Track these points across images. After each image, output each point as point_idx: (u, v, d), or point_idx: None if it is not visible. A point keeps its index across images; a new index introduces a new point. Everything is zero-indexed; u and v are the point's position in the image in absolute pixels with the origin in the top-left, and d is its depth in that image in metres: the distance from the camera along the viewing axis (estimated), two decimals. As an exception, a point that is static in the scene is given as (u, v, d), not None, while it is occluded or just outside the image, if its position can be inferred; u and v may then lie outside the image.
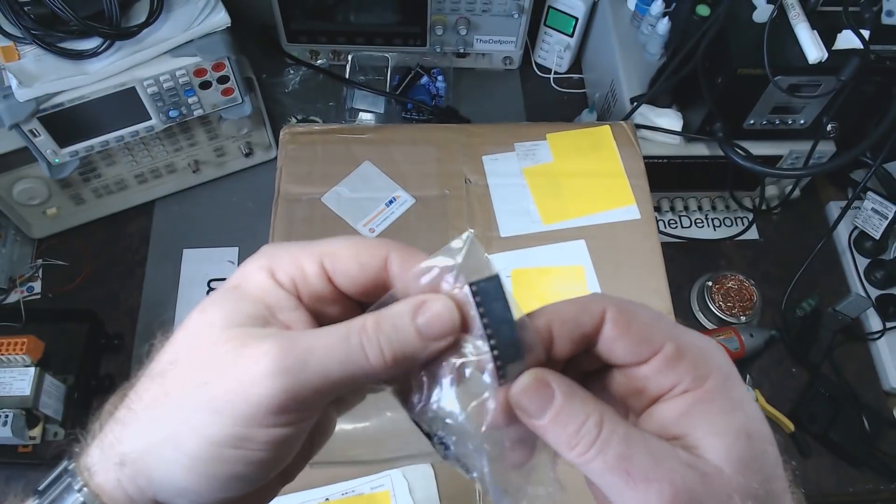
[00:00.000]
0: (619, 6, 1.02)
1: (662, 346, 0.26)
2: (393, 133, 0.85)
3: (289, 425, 0.26)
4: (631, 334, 0.27)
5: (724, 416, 0.25)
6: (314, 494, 0.63)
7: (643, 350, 0.27)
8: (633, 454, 0.24)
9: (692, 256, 1.01)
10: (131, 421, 0.27)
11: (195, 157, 0.96)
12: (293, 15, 1.01)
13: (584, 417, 0.25)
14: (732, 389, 0.26)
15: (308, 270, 0.28)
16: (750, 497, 0.24)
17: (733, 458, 0.25)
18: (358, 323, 0.26)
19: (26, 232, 0.92)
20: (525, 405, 0.26)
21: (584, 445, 0.25)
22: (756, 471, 0.25)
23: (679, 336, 0.27)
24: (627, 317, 0.27)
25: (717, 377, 0.26)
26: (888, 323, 0.95)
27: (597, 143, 0.83)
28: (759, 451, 0.25)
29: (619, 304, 0.27)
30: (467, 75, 1.12)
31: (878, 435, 0.89)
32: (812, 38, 0.77)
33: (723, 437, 0.25)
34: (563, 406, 0.25)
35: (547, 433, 0.26)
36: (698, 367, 0.26)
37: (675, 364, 0.26)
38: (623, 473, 0.24)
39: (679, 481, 0.24)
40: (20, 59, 0.73)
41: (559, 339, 0.27)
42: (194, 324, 0.28)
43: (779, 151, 0.92)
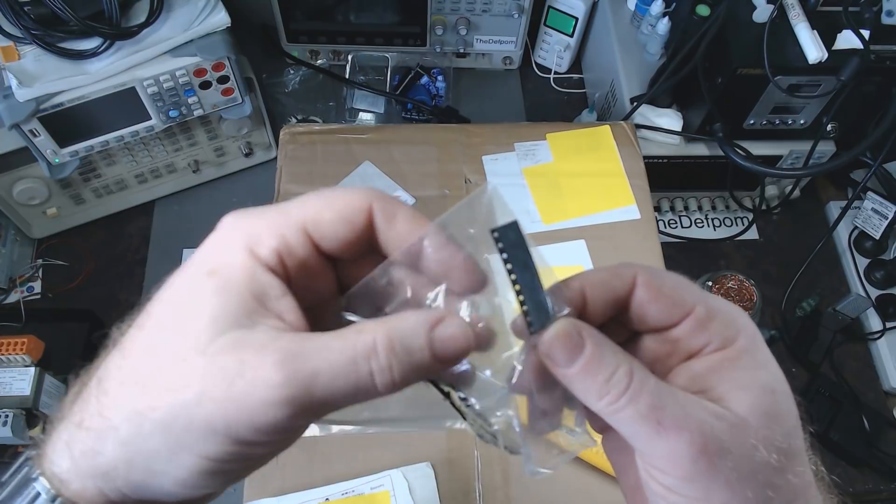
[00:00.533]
0: (619, 6, 1.02)
1: (693, 308, 0.27)
2: (393, 133, 0.85)
3: (287, 439, 0.25)
4: (664, 297, 0.27)
5: (750, 372, 0.26)
6: (314, 494, 0.63)
7: (675, 312, 0.27)
8: (663, 404, 0.25)
9: (692, 256, 1.01)
10: (108, 432, 0.25)
11: (195, 157, 0.96)
12: (293, 15, 1.01)
13: (614, 367, 0.25)
14: (758, 350, 0.27)
15: (292, 240, 0.26)
16: (774, 448, 0.25)
17: (759, 411, 0.25)
18: (367, 344, 0.24)
19: (26, 232, 0.92)
20: (555, 354, 0.25)
21: (614, 395, 0.25)
22: (780, 424, 0.26)
23: (707, 299, 0.28)
24: (659, 281, 0.28)
25: (744, 338, 0.27)
26: (888, 323, 0.95)
27: (597, 143, 0.83)
28: (783, 407, 0.26)
29: (649, 269, 0.28)
30: (467, 75, 1.12)
31: (878, 435, 0.89)
32: (812, 38, 0.77)
33: (749, 392, 0.26)
34: (594, 354, 0.25)
35: (577, 383, 0.25)
36: (728, 328, 0.27)
37: (706, 325, 0.27)
38: (654, 422, 0.24)
39: (708, 430, 0.24)
40: (20, 59, 0.73)
41: (592, 303, 0.27)
42: (173, 325, 0.25)
43: (779, 151, 0.92)
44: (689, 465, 0.24)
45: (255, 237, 0.26)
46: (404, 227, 0.27)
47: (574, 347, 0.25)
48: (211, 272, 0.26)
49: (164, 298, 0.26)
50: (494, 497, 0.64)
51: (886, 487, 0.88)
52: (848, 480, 0.88)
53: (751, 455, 0.25)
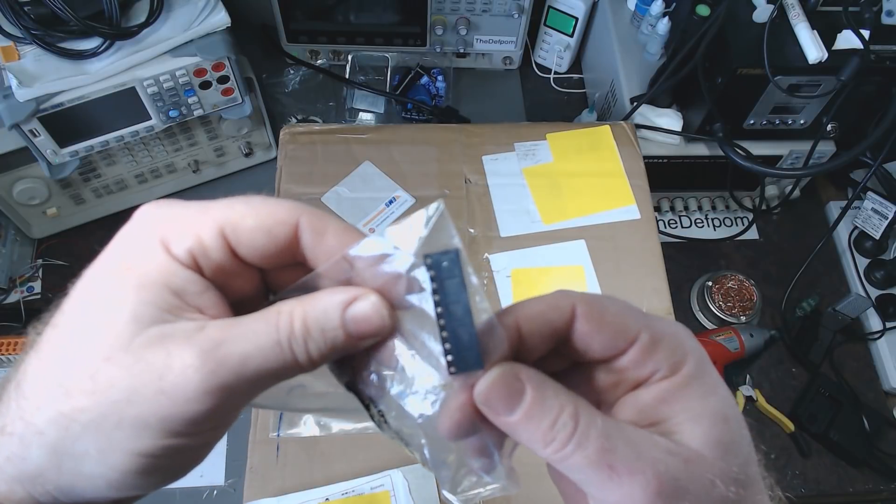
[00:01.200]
0: (619, 6, 1.02)
1: (638, 335, 0.26)
2: (393, 133, 0.85)
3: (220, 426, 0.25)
4: (606, 326, 0.26)
5: (700, 400, 0.25)
6: (314, 494, 0.63)
7: (619, 341, 0.26)
8: (614, 446, 0.23)
9: (692, 256, 1.01)
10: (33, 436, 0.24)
11: (195, 157, 0.96)
12: (293, 15, 1.01)
13: (558, 410, 0.24)
14: (706, 374, 0.26)
15: (207, 242, 0.25)
16: (731, 481, 0.24)
17: (713, 442, 0.24)
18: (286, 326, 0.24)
19: (26, 232, 0.92)
20: (493, 402, 0.24)
21: (560, 441, 0.23)
22: (735, 454, 0.25)
23: (652, 324, 0.26)
24: (599, 310, 0.26)
25: (691, 362, 0.26)
26: (888, 323, 0.95)
27: (597, 143, 0.83)
28: (737, 435, 0.25)
29: (587, 299, 0.26)
30: (467, 75, 1.12)
31: (878, 435, 0.89)
32: (812, 38, 0.77)
33: (701, 422, 0.24)
34: (535, 399, 0.24)
35: (519, 431, 0.24)
36: (674, 354, 0.26)
37: (652, 352, 0.26)
38: (605, 467, 0.23)
39: (663, 470, 0.23)
40: (20, 59, 0.73)
41: (529, 338, 0.26)
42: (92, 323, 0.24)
43: (779, 151, 0.92)
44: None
45: (170, 234, 0.25)
46: (334, 241, 0.26)
47: (514, 394, 0.24)
48: (127, 269, 0.25)
49: (80, 296, 0.25)
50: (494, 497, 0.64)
51: (886, 487, 0.88)
52: (848, 480, 0.88)
53: (709, 492, 0.23)
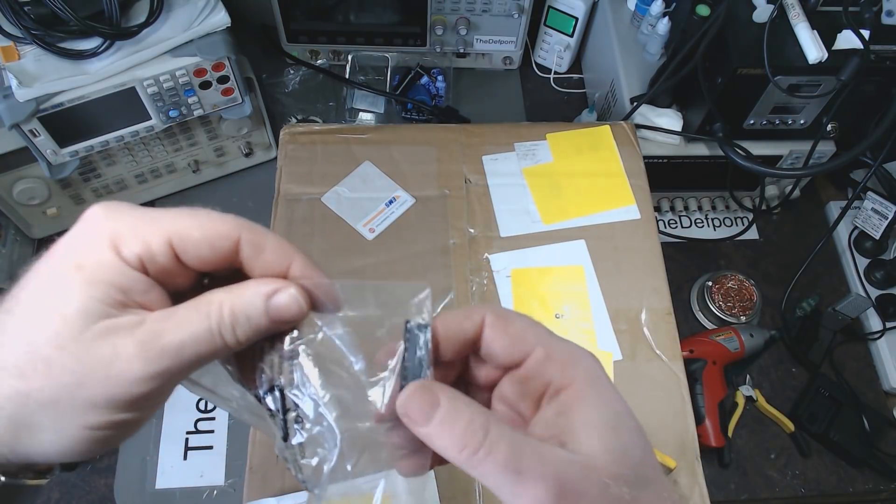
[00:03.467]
0: (619, 6, 1.02)
1: (533, 349, 0.29)
2: (393, 133, 0.85)
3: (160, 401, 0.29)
4: (507, 336, 0.30)
5: (593, 411, 0.28)
6: (314, 494, 0.63)
7: (517, 351, 0.30)
8: (521, 454, 0.26)
9: (692, 256, 1.01)
10: None
11: (195, 157, 0.96)
12: (293, 15, 1.01)
13: (469, 418, 0.26)
14: (599, 388, 0.29)
15: (155, 249, 0.28)
16: (623, 482, 0.26)
17: (605, 448, 0.27)
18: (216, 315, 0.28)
19: (26, 232, 0.92)
20: (412, 411, 0.27)
21: (473, 447, 0.26)
22: (627, 458, 0.27)
23: (548, 341, 0.30)
24: (504, 322, 0.30)
25: (584, 378, 0.29)
26: (888, 323, 0.95)
27: (597, 143, 0.83)
28: (627, 441, 0.28)
29: (497, 311, 0.30)
30: (467, 75, 1.12)
31: (878, 435, 0.89)
32: (812, 38, 0.77)
33: (593, 430, 0.27)
34: (449, 409, 0.27)
35: (435, 438, 0.27)
36: (565, 368, 0.29)
37: (545, 364, 0.29)
38: (513, 472, 0.26)
39: (563, 475, 0.26)
40: (20, 59, 0.73)
41: (444, 342, 0.30)
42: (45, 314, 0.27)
43: (779, 151, 0.92)
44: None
45: (120, 238, 0.28)
46: (271, 257, 0.30)
47: (430, 403, 0.27)
48: (78, 266, 0.28)
49: (33, 287, 0.28)
50: (494, 497, 0.64)
51: (886, 487, 0.88)
52: (848, 480, 0.88)
53: (603, 493, 0.26)
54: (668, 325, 0.73)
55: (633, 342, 0.72)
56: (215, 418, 0.84)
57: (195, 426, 0.84)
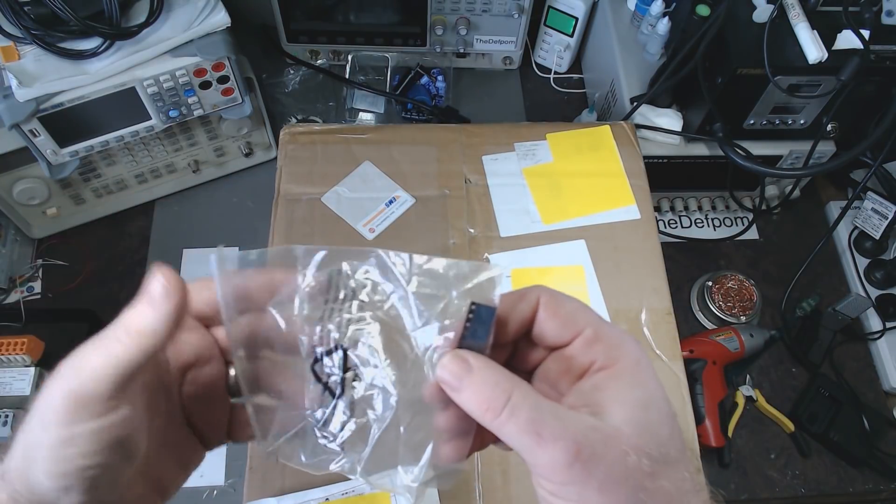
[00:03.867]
0: (619, 6, 1.02)
1: (583, 329, 0.31)
2: (393, 133, 0.85)
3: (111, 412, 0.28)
4: (558, 317, 0.31)
5: (628, 389, 0.30)
6: (314, 494, 0.63)
7: (567, 331, 0.31)
8: (542, 418, 0.28)
9: (692, 256, 1.01)
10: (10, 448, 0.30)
11: (195, 157, 0.96)
12: (293, 15, 1.01)
13: (495, 382, 0.28)
14: (640, 371, 0.30)
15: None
16: (645, 455, 0.28)
17: (632, 422, 0.29)
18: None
19: (26, 232, 0.92)
20: (447, 378, 0.29)
21: (496, 408, 0.28)
22: (652, 435, 0.29)
23: (598, 323, 0.31)
24: (557, 302, 0.31)
25: (627, 359, 0.30)
26: (888, 323, 0.95)
27: (597, 143, 0.83)
28: (656, 420, 0.29)
29: (551, 292, 0.32)
30: (467, 75, 1.12)
31: (878, 435, 0.89)
32: (812, 38, 0.77)
33: (623, 405, 0.29)
34: (478, 374, 0.29)
35: (465, 401, 0.29)
36: (611, 350, 0.30)
37: (593, 345, 0.31)
38: (534, 434, 0.27)
39: (582, 439, 0.27)
40: (20, 59, 0.73)
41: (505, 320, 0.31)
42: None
43: (779, 151, 0.92)
44: (566, 471, 0.27)
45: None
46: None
47: (463, 369, 0.29)
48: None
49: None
50: (494, 497, 0.64)
51: (886, 487, 0.88)
52: (848, 480, 0.88)
53: (622, 461, 0.28)
54: (668, 325, 0.73)
55: (633, 342, 0.72)
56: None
57: (195, 426, 0.84)
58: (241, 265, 0.32)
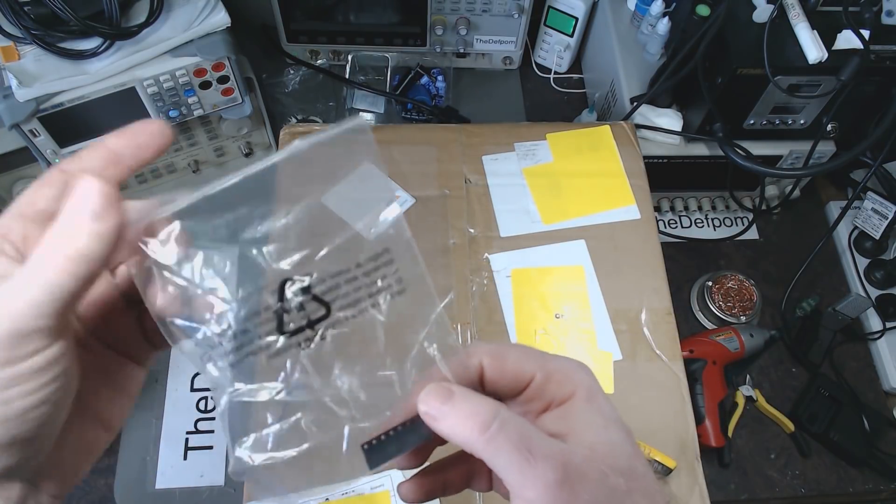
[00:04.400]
0: (619, 6, 1.02)
1: (534, 376, 0.32)
2: (393, 133, 0.85)
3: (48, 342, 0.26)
4: (506, 373, 0.32)
5: (589, 415, 0.31)
6: (314, 494, 0.63)
7: (519, 382, 0.32)
8: (531, 436, 0.28)
9: (692, 256, 1.01)
10: None
11: (195, 157, 0.96)
12: (293, 15, 1.01)
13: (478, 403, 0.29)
14: (594, 397, 0.32)
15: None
16: (619, 473, 0.29)
17: (602, 443, 0.30)
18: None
19: (26, 232, 0.92)
20: (430, 404, 0.29)
21: (482, 427, 0.28)
22: (620, 452, 0.30)
23: (546, 363, 0.32)
24: (500, 360, 0.32)
25: (581, 389, 0.32)
26: (888, 323, 0.95)
27: (597, 143, 0.83)
28: (619, 439, 0.31)
29: (491, 351, 0.32)
30: (467, 75, 1.12)
31: (878, 435, 0.89)
32: (812, 38, 0.77)
33: (591, 427, 0.31)
34: (462, 396, 0.29)
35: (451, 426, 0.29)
36: (564, 385, 0.32)
37: (545, 387, 0.32)
38: (525, 451, 0.28)
39: (569, 458, 0.28)
40: (20, 59, 0.73)
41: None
42: None
43: (779, 151, 0.92)
44: (555, 491, 0.27)
45: None
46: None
47: (445, 394, 0.29)
48: None
49: None
50: (494, 497, 0.64)
51: (886, 487, 0.88)
52: (848, 480, 0.88)
53: (604, 481, 0.28)
54: (668, 325, 0.73)
55: (633, 342, 0.72)
56: (215, 418, 0.84)
57: (195, 426, 0.84)
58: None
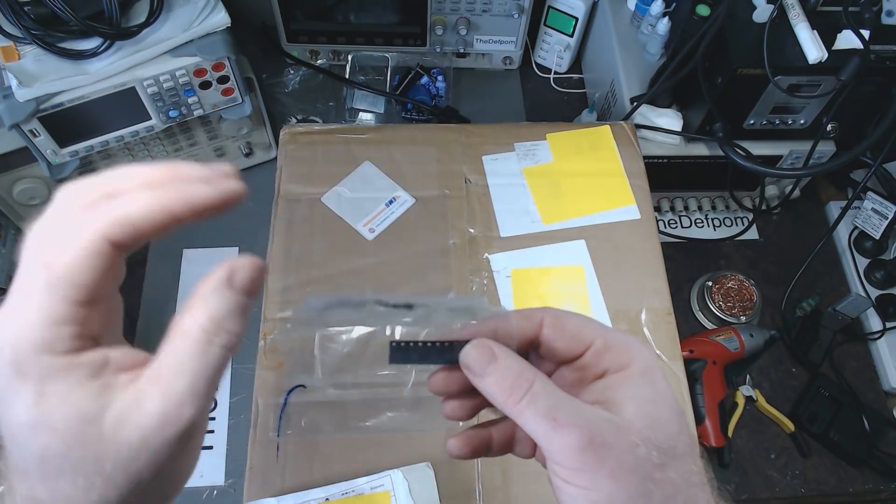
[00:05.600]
0: (619, 6, 1.02)
1: (593, 341, 0.33)
2: (393, 133, 0.85)
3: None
4: (566, 334, 0.33)
5: (639, 388, 0.32)
6: (314, 494, 0.63)
7: (577, 346, 0.33)
8: (559, 405, 0.30)
9: (692, 256, 1.01)
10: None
11: (195, 157, 0.96)
12: (293, 15, 1.01)
13: (518, 371, 0.30)
14: (649, 372, 0.32)
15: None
16: (654, 447, 0.30)
17: (643, 416, 0.30)
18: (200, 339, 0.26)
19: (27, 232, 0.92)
20: (471, 363, 0.31)
21: (517, 396, 0.30)
22: (661, 429, 0.30)
23: (606, 333, 0.33)
24: (562, 321, 0.33)
25: (637, 362, 0.32)
26: (888, 323, 0.95)
27: (597, 143, 0.83)
28: (665, 416, 0.31)
29: (553, 312, 0.34)
30: (467, 75, 1.12)
31: (878, 435, 0.89)
32: (812, 38, 0.77)
33: (635, 401, 0.31)
34: (502, 362, 0.31)
35: (488, 387, 0.31)
36: (622, 356, 0.32)
37: (603, 354, 0.33)
38: (551, 419, 0.29)
39: (595, 427, 0.29)
40: (20, 59, 0.73)
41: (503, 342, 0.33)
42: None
43: (779, 151, 0.92)
44: (579, 456, 0.29)
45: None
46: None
47: (487, 356, 0.31)
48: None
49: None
50: (494, 497, 0.64)
51: (886, 487, 0.88)
52: (848, 480, 0.88)
53: (633, 451, 0.29)
54: (668, 325, 0.73)
55: (633, 342, 0.72)
56: (215, 418, 0.84)
57: (195, 426, 0.84)
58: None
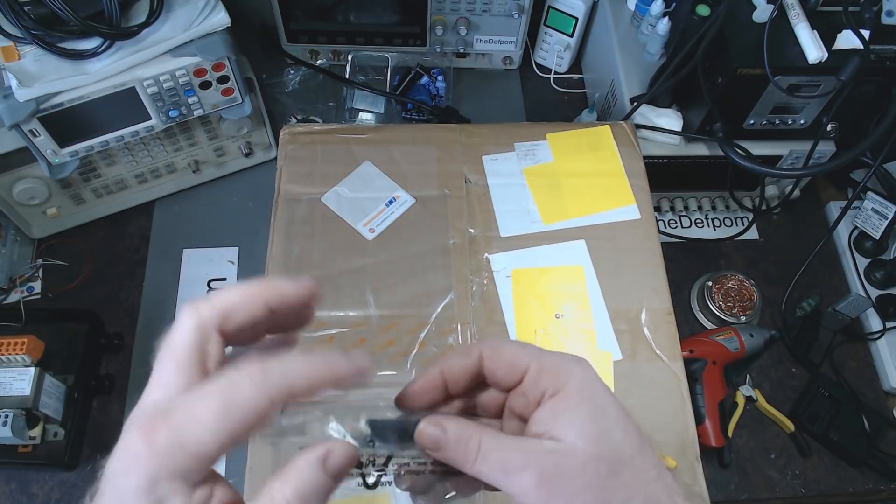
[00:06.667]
0: (619, 6, 1.02)
1: (528, 367, 0.35)
2: (393, 133, 0.85)
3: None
4: (503, 362, 0.35)
5: (577, 408, 0.33)
6: (314, 494, 0.63)
7: (515, 373, 0.35)
8: (507, 455, 0.32)
9: (692, 256, 1.01)
10: None
11: (195, 157, 0.96)
12: (293, 15, 1.01)
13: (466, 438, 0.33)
14: (585, 389, 0.34)
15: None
16: (601, 460, 0.32)
17: (584, 436, 0.32)
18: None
19: (26, 232, 0.92)
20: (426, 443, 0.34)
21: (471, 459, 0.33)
22: (605, 441, 0.32)
23: (540, 356, 0.35)
24: (498, 352, 0.36)
25: (572, 383, 0.34)
26: (888, 323, 0.95)
27: (597, 143, 0.83)
28: (607, 426, 0.33)
29: (491, 343, 0.36)
30: (467, 75, 1.12)
31: (878, 435, 0.89)
32: (812, 38, 0.77)
33: (575, 423, 0.33)
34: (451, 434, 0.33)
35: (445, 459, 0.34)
36: (557, 377, 0.34)
37: (539, 377, 0.34)
38: (503, 470, 0.32)
39: (542, 464, 0.32)
40: (20, 59, 0.73)
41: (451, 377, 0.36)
42: None
43: (779, 151, 0.92)
44: (535, 494, 0.31)
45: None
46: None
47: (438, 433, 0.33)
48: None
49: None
50: (494, 497, 0.64)
51: (886, 487, 0.88)
52: (848, 480, 0.88)
53: (581, 472, 0.32)
54: (668, 325, 0.73)
55: (633, 342, 0.72)
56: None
57: (195, 426, 0.84)
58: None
